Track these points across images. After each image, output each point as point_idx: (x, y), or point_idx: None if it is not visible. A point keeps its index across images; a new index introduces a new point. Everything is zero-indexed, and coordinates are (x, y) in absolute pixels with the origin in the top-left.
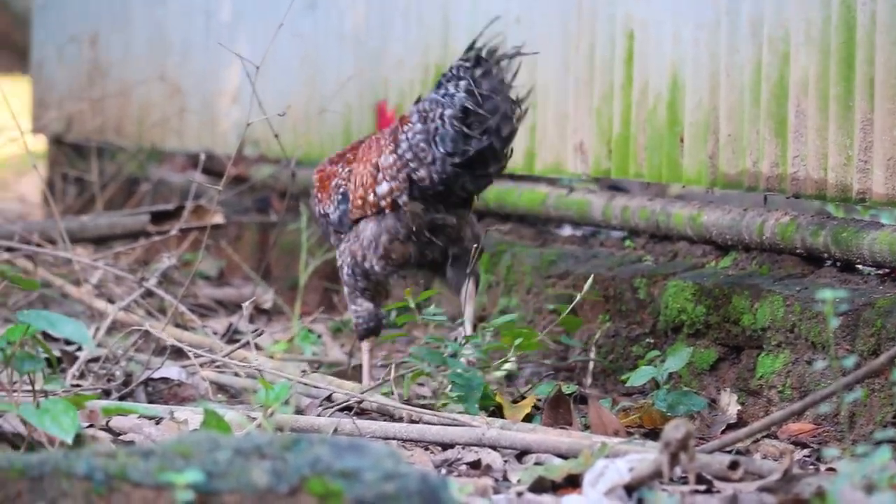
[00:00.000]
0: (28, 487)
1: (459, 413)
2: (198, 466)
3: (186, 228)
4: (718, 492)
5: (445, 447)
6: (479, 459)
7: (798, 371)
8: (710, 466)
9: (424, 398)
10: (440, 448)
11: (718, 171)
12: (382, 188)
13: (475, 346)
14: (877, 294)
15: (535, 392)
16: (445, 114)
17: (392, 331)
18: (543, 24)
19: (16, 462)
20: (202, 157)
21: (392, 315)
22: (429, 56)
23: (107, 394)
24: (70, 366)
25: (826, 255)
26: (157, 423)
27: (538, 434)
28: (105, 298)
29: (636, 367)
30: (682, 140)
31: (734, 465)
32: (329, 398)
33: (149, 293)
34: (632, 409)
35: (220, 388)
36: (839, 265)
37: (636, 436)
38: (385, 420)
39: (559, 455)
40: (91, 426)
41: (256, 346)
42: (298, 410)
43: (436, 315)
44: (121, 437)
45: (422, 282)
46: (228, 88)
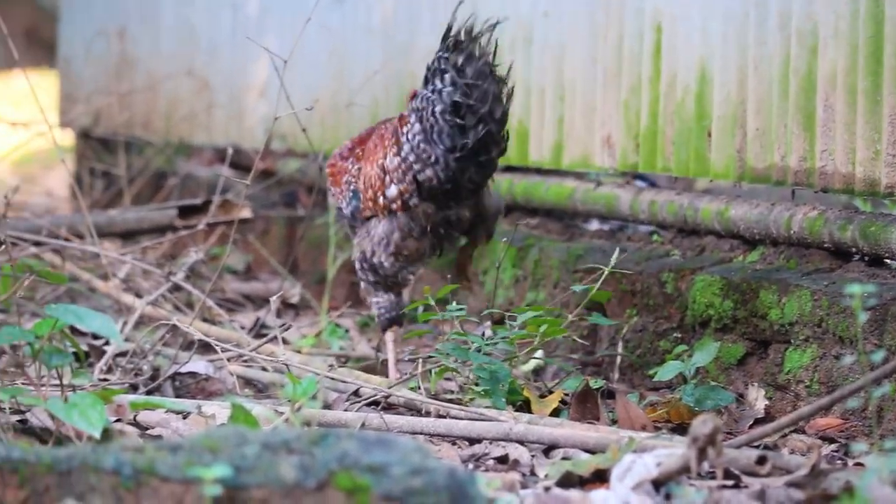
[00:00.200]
0: (56, 482)
1: (486, 408)
2: (225, 461)
3: (214, 223)
4: (746, 487)
5: (473, 442)
6: (507, 454)
7: (826, 366)
8: (738, 461)
9: (451, 393)
10: (467, 443)
11: (746, 166)
12: (391, 191)
13: (503, 338)
14: None
15: (563, 386)
16: (437, 110)
17: (418, 327)
18: (571, 18)
19: (44, 456)
20: (230, 152)
21: (419, 310)
22: None
23: (134, 388)
24: (98, 360)
25: (854, 250)
26: (185, 418)
27: (565, 429)
28: (132, 293)
29: (663, 362)
30: (710, 134)
31: (762, 460)
32: (356, 393)
33: (176, 287)
34: (659, 404)
35: (248, 383)
36: (867, 260)
37: (664, 431)
38: (412, 415)
39: (586, 450)
40: (119, 420)
41: (284, 341)
42: (326, 405)
43: (458, 311)
44: (148, 432)
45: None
46: (256, 83)
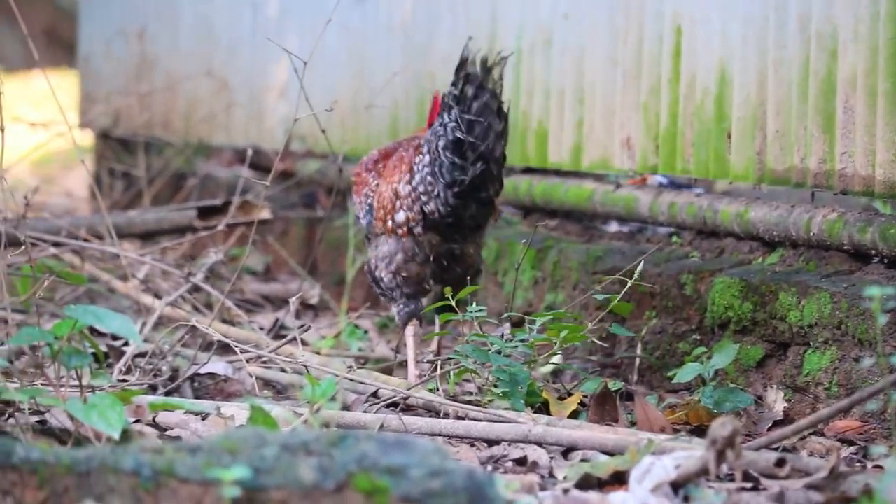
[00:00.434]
0: (75, 483)
1: (505, 409)
2: (244, 462)
3: (233, 223)
4: (765, 489)
5: (491, 443)
6: (525, 456)
7: (845, 368)
8: (757, 464)
9: (470, 394)
10: (486, 444)
11: (766, 168)
12: (399, 216)
13: (522, 341)
14: None
15: (582, 388)
16: (440, 145)
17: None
18: (591, 20)
19: (63, 457)
20: (249, 153)
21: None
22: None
23: (153, 389)
24: (117, 361)
25: (873, 252)
26: (204, 419)
27: (584, 431)
28: (152, 293)
29: (682, 364)
30: (730, 136)
31: (781, 463)
32: (375, 394)
33: (195, 288)
34: (678, 406)
35: (267, 384)
36: (886, 262)
37: (682, 433)
38: (431, 416)
39: (605, 452)
40: (138, 421)
41: (303, 342)
42: (345, 406)
43: (478, 312)
44: (167, 433)
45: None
46: (276, 83)
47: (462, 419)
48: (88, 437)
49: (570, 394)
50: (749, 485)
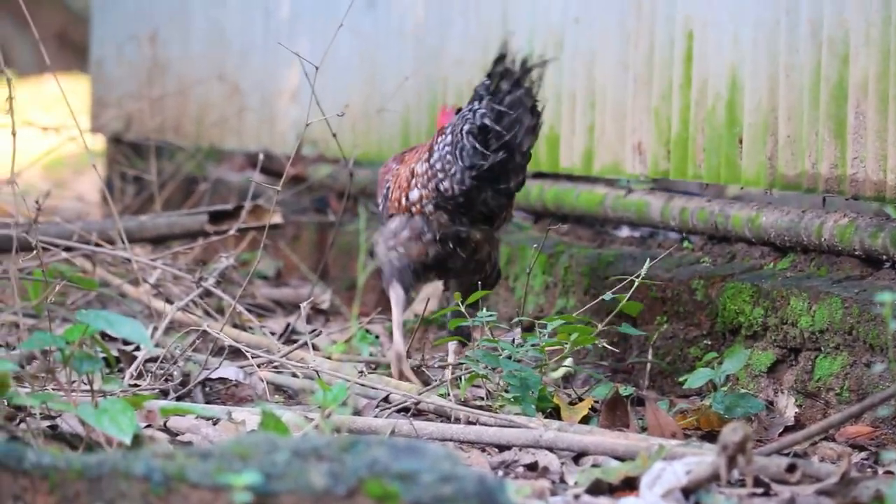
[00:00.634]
0: (86, 488)
1: (516, 414)
2: (255, 468)
3: (245, 228)
4: (776, 495)
5: (502, 449)
6: (536, 461)
7: (856, 374)
8: (768, 469)
9: (481, 399)
10: (497, 450)
11: (777, 173)
12: (414, 194)
13: (532, 346)
14: None
15: (593, 394)
16: (465, 128)
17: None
18: (602, 24)
19: (74, 463)
20: (261, 157)
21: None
22: (488, 55)
23: (164, 394)
24: (128, 366)
25: (885, 257)
26: (215, 424)
27: (595, 436)
28: (163, 298)
29: (693, 369)
30: (741, 141)
31: (792, 468)
32: (386, 399)
33: (207, 293)
34: (689, 412)
35: (278, 389)
36: None
37: (693, 438)
38: (442, 421)
39: (616, 457)
40: (149, 426)
41: (314, 347)
42: (356, 411)
43: (489, 317)
44: (178, 438)
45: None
46: (287, 87)
47: (473, 424)
48: (99, 442)
49: (581, 399)
50: (760, 490)
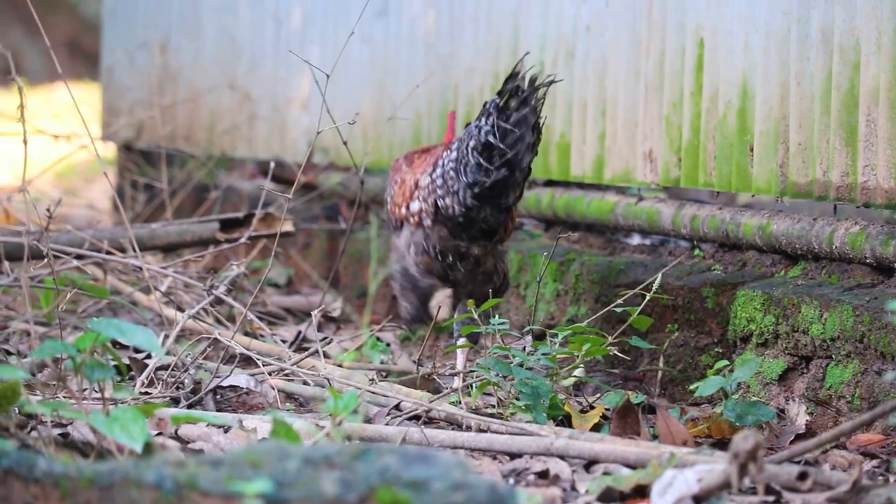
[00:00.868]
0: (98, 496)
1: (527, 422)
2: (267, 475)
3: (255, 236)
4: (787, 503)
5: (513, 456)
6: (548, 469)
7: (867, 381)
8: (779, 477)
9: (492, 407)
10: (508, 457)
11: (788, 181)
12: (414, 206)
13: (544, 354)
14: None
15: (604, 401)
16: (470, 145)
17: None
18: (613, 33)
19: (85, 471)
20: (272, 165)
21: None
22: (499, 63)
23: (176, 402)
24: (139, 373)
25: None
26: (226, 432)
27: (606, 444)
28: (174, 306)
29: (705, 377)
30: (752, 149)
31: (803, 476)
32: (397, 407)
33: (218, 301)
34: (700, 420)
35: (289, 397)
36: None
37: (704, 446)
38: (453, 429)
39: (627, 465)
40: (160, 434)
41: (325, 355)
42: (367, 419)
43: (500, 325)
44: (190, 446)
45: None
46: (298, 96)
47: (484, 432)
48: (111, 450)
49: (593, 407)
50: (771, 498)
